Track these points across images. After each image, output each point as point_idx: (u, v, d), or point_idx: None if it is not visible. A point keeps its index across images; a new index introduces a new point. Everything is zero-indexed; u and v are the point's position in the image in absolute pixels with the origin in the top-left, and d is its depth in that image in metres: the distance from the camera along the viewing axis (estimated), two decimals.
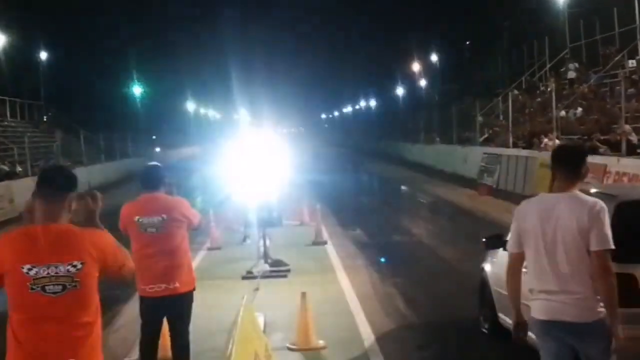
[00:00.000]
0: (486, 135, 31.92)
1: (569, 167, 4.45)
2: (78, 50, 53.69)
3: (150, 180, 6.47)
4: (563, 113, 25.87)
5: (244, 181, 12.81)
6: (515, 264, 4.61)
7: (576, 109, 25.94)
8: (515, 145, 26.22)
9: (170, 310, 6.37)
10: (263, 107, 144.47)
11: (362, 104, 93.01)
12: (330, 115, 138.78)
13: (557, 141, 21.78)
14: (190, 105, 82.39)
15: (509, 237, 4.72)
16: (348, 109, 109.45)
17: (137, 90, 57.76)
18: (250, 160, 12.51)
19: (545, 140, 23.05)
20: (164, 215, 6.30)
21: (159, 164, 6.67)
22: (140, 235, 6.31)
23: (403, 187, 29.31)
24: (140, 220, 6.30)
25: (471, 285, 9.08)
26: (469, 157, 30.12)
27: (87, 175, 32.57)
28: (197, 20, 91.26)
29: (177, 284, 6.30)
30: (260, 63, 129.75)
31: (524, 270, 4.62)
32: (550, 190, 4.54)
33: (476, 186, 25.21)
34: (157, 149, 54.47)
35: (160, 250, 6.28)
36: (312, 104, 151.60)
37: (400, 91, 67.06)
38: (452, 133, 35.46)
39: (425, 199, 24.27)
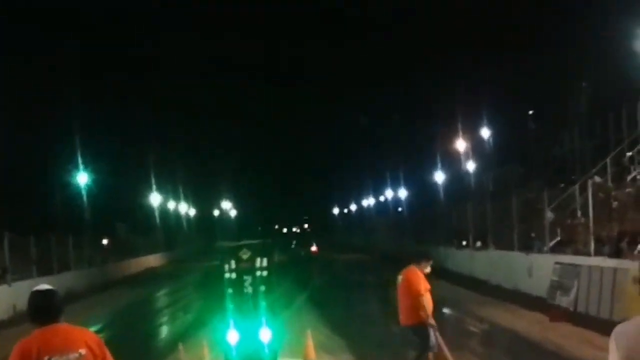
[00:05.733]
0: (559, 238, 31.86)
1: None
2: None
3: (48, 309, 6.45)
4: None
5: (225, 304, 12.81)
6: None
7: None
8: (598, 253, 26.13)
9: None
10: (255, 201, 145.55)
11: (389, 194, 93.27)
12: (345, 210, 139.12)
13: None
14: (155, 199, 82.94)
15: None
16: (369, 201, 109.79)
17: (82, 178, 58.11)
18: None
19: None
20: (82, 350, 6.29)
21: (53, 288, 6.65)
22: None
23: (445, 310, 29.09)
24: None
25: None
26: (536, 268, 30.02)
27: (12, 295, 32.54)
28: (166, 95, 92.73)
29: None
30: (252, 143, 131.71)
31: None
32: None
33: (546, 308, 25.04)
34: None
35: None
36: (321, 195, 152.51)
37: (440, 177, 67.30)
38: (512, 235, 35.45)
39: (477, 327, 24.09)
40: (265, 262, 12.81)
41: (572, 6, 42.70)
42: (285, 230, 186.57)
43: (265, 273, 12.76)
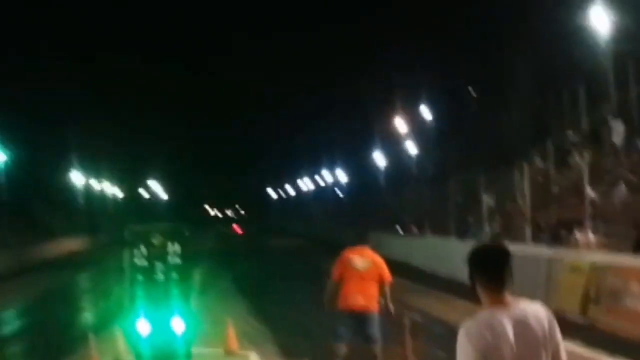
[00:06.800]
0: (497, 225, 32.07)
1: (504, 272, 5.05)
2: None
3: None
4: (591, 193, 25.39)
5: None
6: None
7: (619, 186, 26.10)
8: (536, 240, 26.30)
9: None
10: (187, 183, 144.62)
11: (328, 178, 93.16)
12: (284, 194, 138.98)
13: (591, 235, 21.97)
14: (78, 178, 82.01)
15: None
16: (308, 186, 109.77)
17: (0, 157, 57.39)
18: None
19: (577, 234, 23.15)
20: None
21: None
22: None
23: (381, 299, 29.16)
24: None
25: None
26: None
27: None
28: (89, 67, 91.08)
29: None
30: (184, 120, 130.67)
31: None
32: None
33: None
34: None
35: None
36: (258, 178, 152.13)
37: (379, 160, 67.12)
38: (449, 221, 35.64)
39: (408, 317, 24.13)
40: (178, 248, 12.73)
41: None
42: (219, 214, 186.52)
43: (178, 259, 12.67)
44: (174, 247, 12.65)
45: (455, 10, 51.36)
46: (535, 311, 5.01)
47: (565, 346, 4.98)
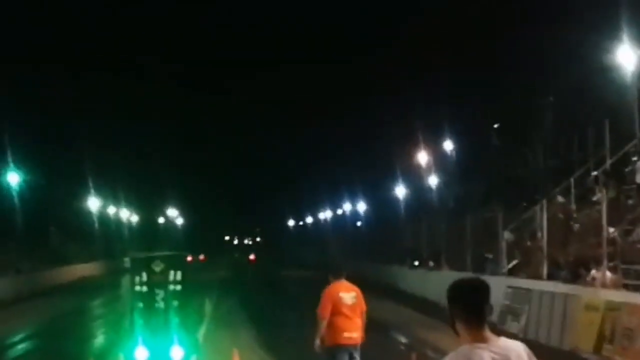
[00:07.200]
0: (516, 261, 31.83)
1: (485, 306, 5.13)
2: None
3: None
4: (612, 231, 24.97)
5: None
6: None
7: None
8: (554, 277, 26.12)
9: None
10: (205, 210, 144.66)
11: (347, 207, 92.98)
12: (301, 222, 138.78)
13: (608, 274, 21.80)
14: (94, 203, 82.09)
15: None
16: (326, 214, 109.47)
17: (13, 178, 57.47)
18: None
19: (593, 272, 22.98)
20: None
21: None
22: None
23: (389, 333, 28.92)
24: None
25: None
26: None
27: None
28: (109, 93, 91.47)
29: None
30: (204, 148, 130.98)
31: None
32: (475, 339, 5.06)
33: (495, 334, 24.94)
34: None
35: None
36: (277, 206, 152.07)
37: (400, 191, 66.85)
38: (466, 255, 35.45)
39: (418, 352, 23.98)
40: (179, 276, 12.68)
41: (539, 18, 42.56)
42: (236, 241, 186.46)
43: (179, 287, 12.63)
44: (175, 275, 12.60)
45: (479, 46, 51.45)
46: (516, 348, 5.03)
47: None
